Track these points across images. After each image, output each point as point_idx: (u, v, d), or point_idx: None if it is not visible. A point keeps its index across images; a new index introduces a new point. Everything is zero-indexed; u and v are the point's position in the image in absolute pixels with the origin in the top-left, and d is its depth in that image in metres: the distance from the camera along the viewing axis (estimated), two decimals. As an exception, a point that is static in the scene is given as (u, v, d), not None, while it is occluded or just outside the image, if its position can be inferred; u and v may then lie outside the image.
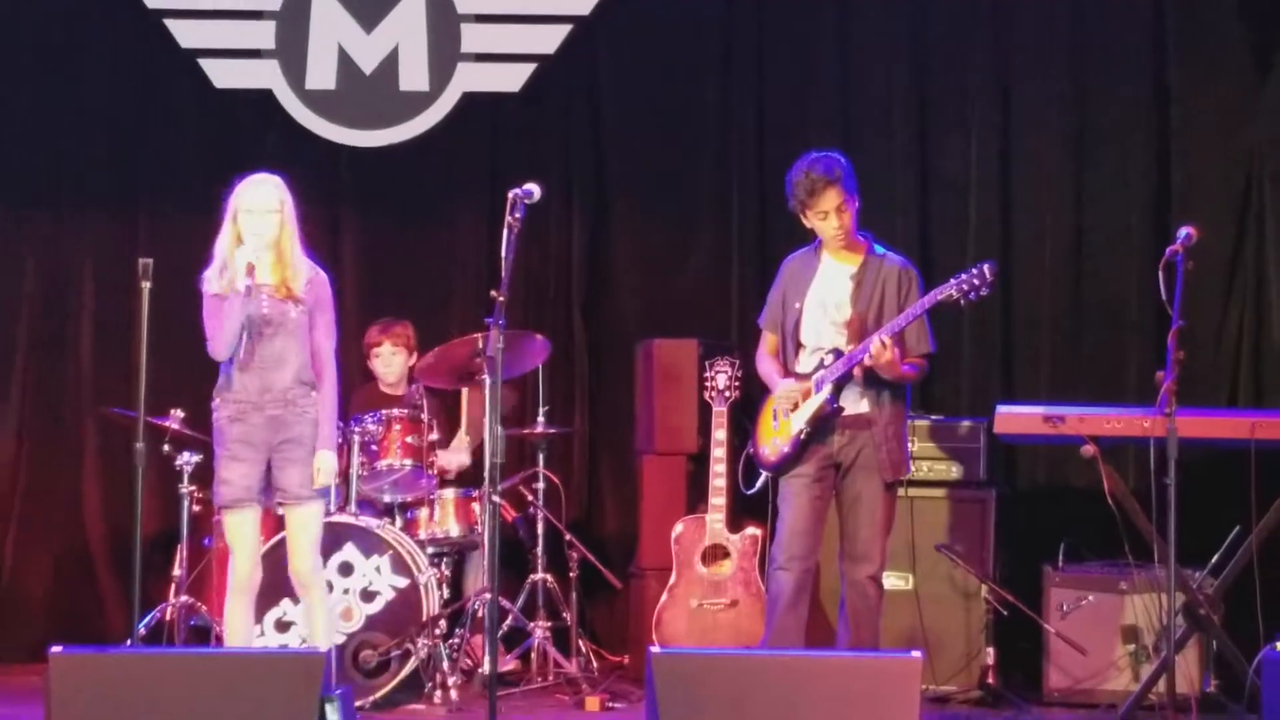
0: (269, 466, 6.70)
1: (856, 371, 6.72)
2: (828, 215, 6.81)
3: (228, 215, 6.68)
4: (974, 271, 6.64)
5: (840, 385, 6.78)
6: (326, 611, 6.90)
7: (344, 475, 7.56)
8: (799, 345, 6.97)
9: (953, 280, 6.68)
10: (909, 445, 7.16)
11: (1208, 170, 8.87)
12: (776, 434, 6.93)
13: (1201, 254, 6.45)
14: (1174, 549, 6.11)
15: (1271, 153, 8.79)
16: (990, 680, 7.87)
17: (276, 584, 7.14)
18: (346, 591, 7.65)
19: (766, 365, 7.10)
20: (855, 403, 6.82)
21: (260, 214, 6.62)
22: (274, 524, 7.10)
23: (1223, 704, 6.73)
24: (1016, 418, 6.81)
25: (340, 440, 7.34)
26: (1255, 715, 5.90)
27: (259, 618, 7.12)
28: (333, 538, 7.44)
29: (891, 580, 7.56)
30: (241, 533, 6.73)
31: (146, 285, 6.69)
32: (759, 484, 7.28)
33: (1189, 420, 6.25)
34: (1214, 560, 6.74)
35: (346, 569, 7.67)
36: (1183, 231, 6.33)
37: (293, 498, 6.73)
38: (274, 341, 6.67)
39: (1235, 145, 8.87)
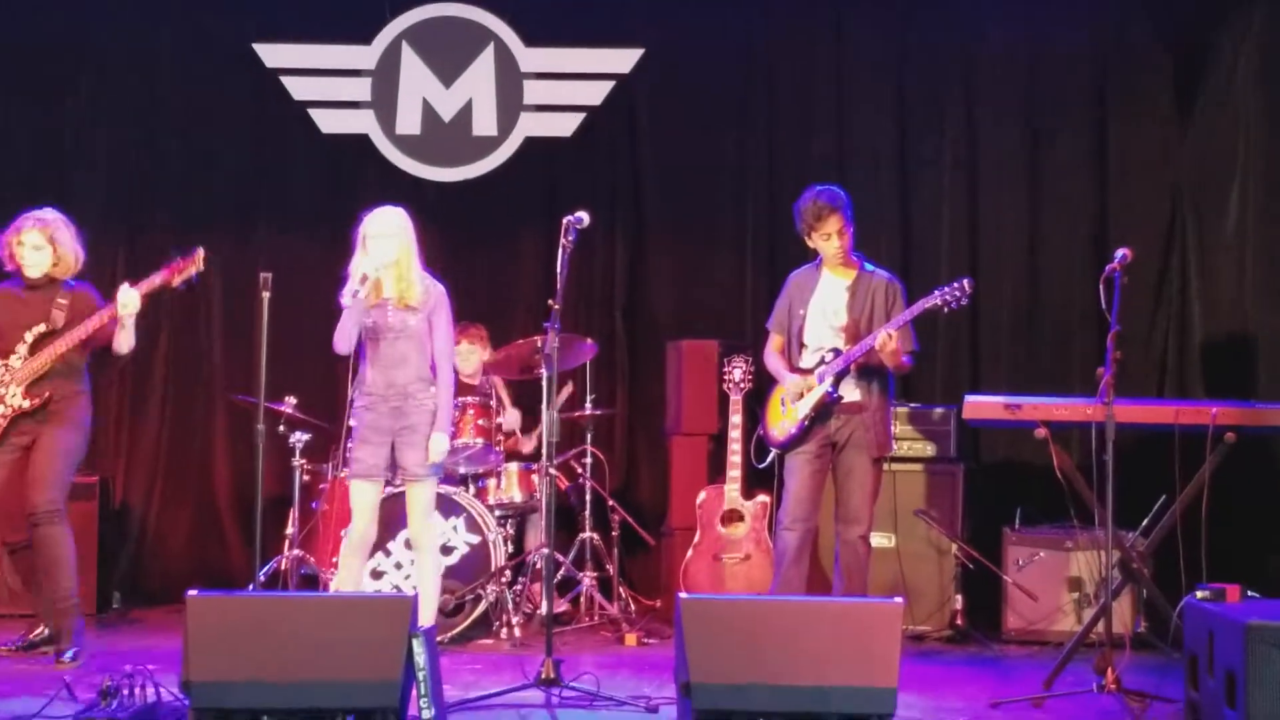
0: (393, 448, 6.74)
1: (852, 366, 6.79)
2: (830, 237, 6.87)
3: (359, 240, 6.70)
4: (956, 285, 6.70)
5: (838, 378, 6.82)
6: (435, 568, 6.93)
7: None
8: (802, 345, 7.02)
9: (937, 291, 6.74)
10: (892, 428, 7.20)
11: (1140, 202, 8.90)
12: (785, 418, 6.97)
13: (1135, 271, 6.45)
14: (1111, 514, 6.12)
15: (1192, 188, 8.85)
16: (959, 622, 7.95)
17: (378, 542, 7.18)
18: (429, 547, 7.71)
19: (774, 361, 7.14)
20: (850, 392, 6.88)
21: (382, 238, 6.64)
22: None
23: (1151, 643, 6.73)
24: (981, 405, 6.82)
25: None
26: (1178, 651, 5.87)
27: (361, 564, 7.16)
28: (418, 503, 7.50)
29: (877, 539, 7.56)
30: (364, 500, 6.77)
31: (266, 295, 6.73)
32: (768, 459, 7.33)
33: (1124, 408, 6.24)
34: (1144, 523, 6.75)
35: (430, 528, 7.73)
36: (1119, 252, 6.31)
37: (411, 475, 6.76)
38: (397, 345, 6.70)
39: (1162, 182, 8.90)
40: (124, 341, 7.03)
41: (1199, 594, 5.68)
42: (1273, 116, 8.56)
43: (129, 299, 6.91)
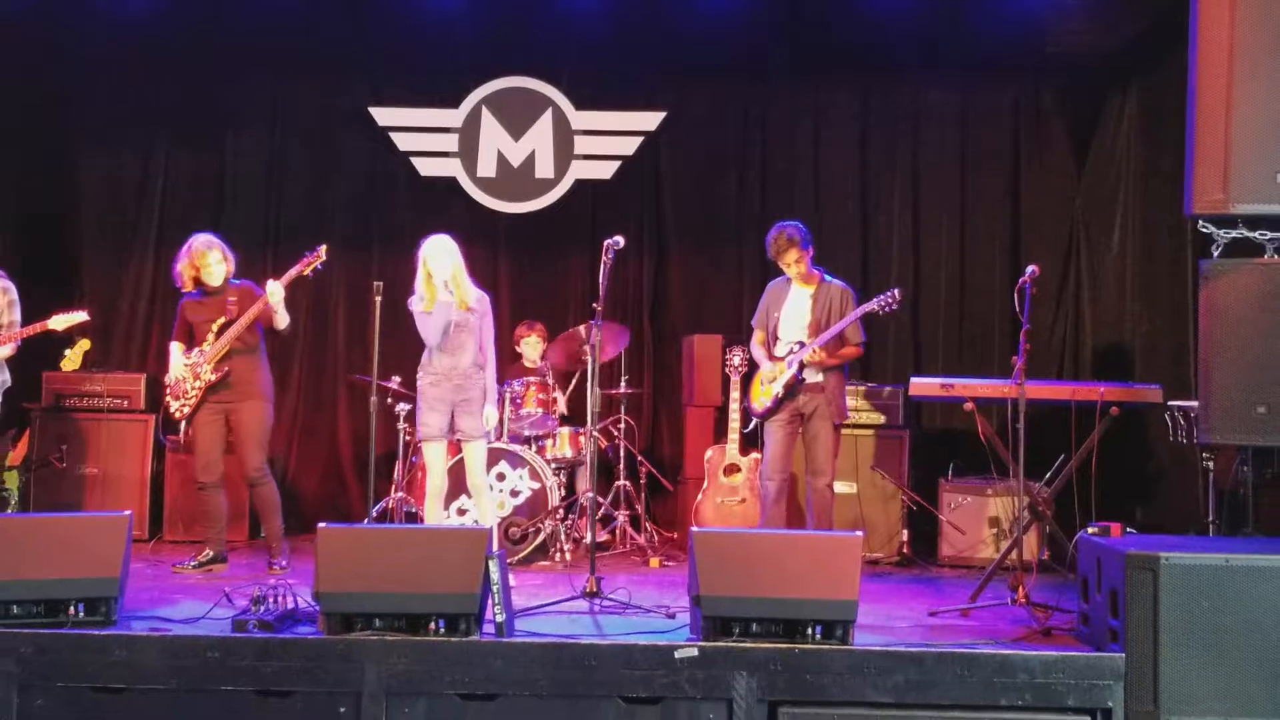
0: (453, 415, 6.75)
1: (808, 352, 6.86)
2: (790, 265, 6.96)
3: (419, 262, 6.72)
4: (888, 295, 6.89)
5: (803, 364, 6.87)
6: (490, 506, 6.94)
7: (501, 419, 7.61)
8: (776, 339, 7.06)
9: (875, 300, 6.90)
10: (847, 401, 7.21)
11: (1045, 230, 8.87)
12: (763, 394, 7.04)
13: (1041, 283, 6.39)
14: (1022, 468, 6.10)
15: (1084, 220, 8.82)
16: (905, 550, 7.96)
17: (456, 487, 7.20)
18: (502, 490, 7.71)
19: (756, 351, 7.20)
20: (813, 375, 6.96)
21: (437, 259, 6.67)
22: (454, 449, 7.11)
23: (1053, 567, 6.69)
24: (923, 385, 6.82)
25: (500, 397, 7.36)
26: (1073, 574, 5.85)
27: (446, 506, 7.18)
28: (494, 457, 7.53)
29: (842, 487, 7.60)
30: (435, 457, 6.81)
31: (378, 299, 6.75)
32: (750, 426, 7.45)
33: (1032, 387, 6.22)
34: (1048, 476, 6.71)
35: (501, 477, 7.75)
36: (1029, 269, 6.29)
37: (467, 437, 6.78)
38: (458, 336, 6.72)
39: (1062, 214, 8.88)
40: (280, 320, 7.16)
41: (1090, 530, 5.67)
42: (1147, 166, 8.51)
43: (274, 288, 7.03)
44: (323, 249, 7.22)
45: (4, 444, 8.33)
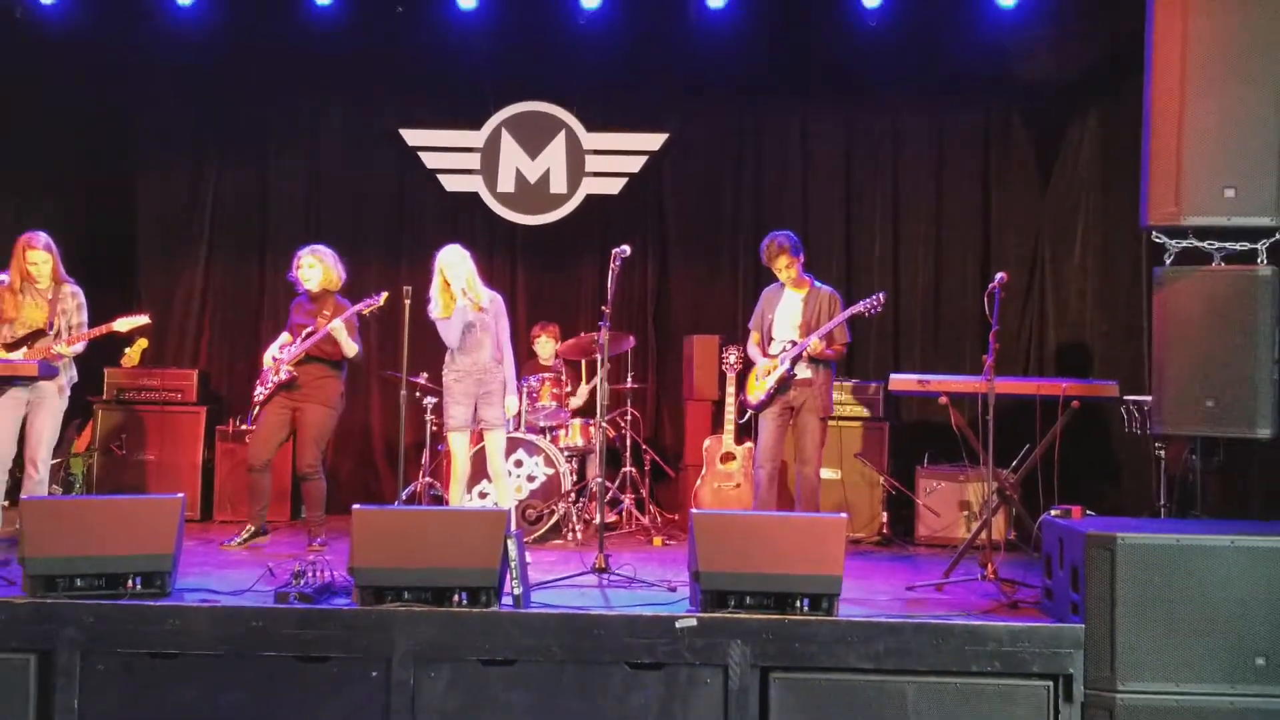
0: (476, 407, 6.74)
1: (804, 353, 6.83)
2: (781, 270, 6.92)
3: (436, 270, 6.75)
4: (874, 298, 6.85)
5: (794, 361, 6.84)
6: (508, 489, 6.97)
7: (519, 411, 7.60)
8: (770, 339, 7.05)
9: (862, 303, 6.85)
10: (834, 396, 7.20)
11: (1012, 241, 8.85)
12: (758, 388, 7.04)
13: (1009, 289, 6.38)
14: (991, 457, 6.09)
15: (1048, 232, 8.79)
16: (884, 531, 7.94)
17: (479, 473, 7.23)
18: (519, 476, 7.71)
19: (752, 350, 7.20)
20: (803, 371, 6.95)
21: (451, 267, 6.68)
22: (476, 438, 7.10)
23: (1019, 546, 6.69)
24: (902, 381, 6.78)
25: (518, 391, 7.35)
26: (1037, 552, 5.84)
27: (469, 490, 7.20)
28: (511, 446, 7.53)
29: (827, 474, 7.60)
30: (459, 445, 6.82)
31: (407, 303, 6.74)
32: (745, 418, 7.39)
33: (1001, 383, 6.20)
34: (1014, 463, 6.69)
35: (519, 463, 7.75)
36: (998, 276, 6.26)
37: (489, 426, 6.81)
38: (476, 335, 6.75)
39: (1029, 227, 8.86)
40: (347, 350, 7.17)
41: (1053, 513, 5.65)
42: (1105, 185, 8.48)
43: (337, 330, 7.04)
44: (383, 296, 7.16)
45: (70, 433, 8.34)
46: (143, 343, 7.45)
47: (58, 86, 8.94)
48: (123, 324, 6.97)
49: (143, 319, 7.08)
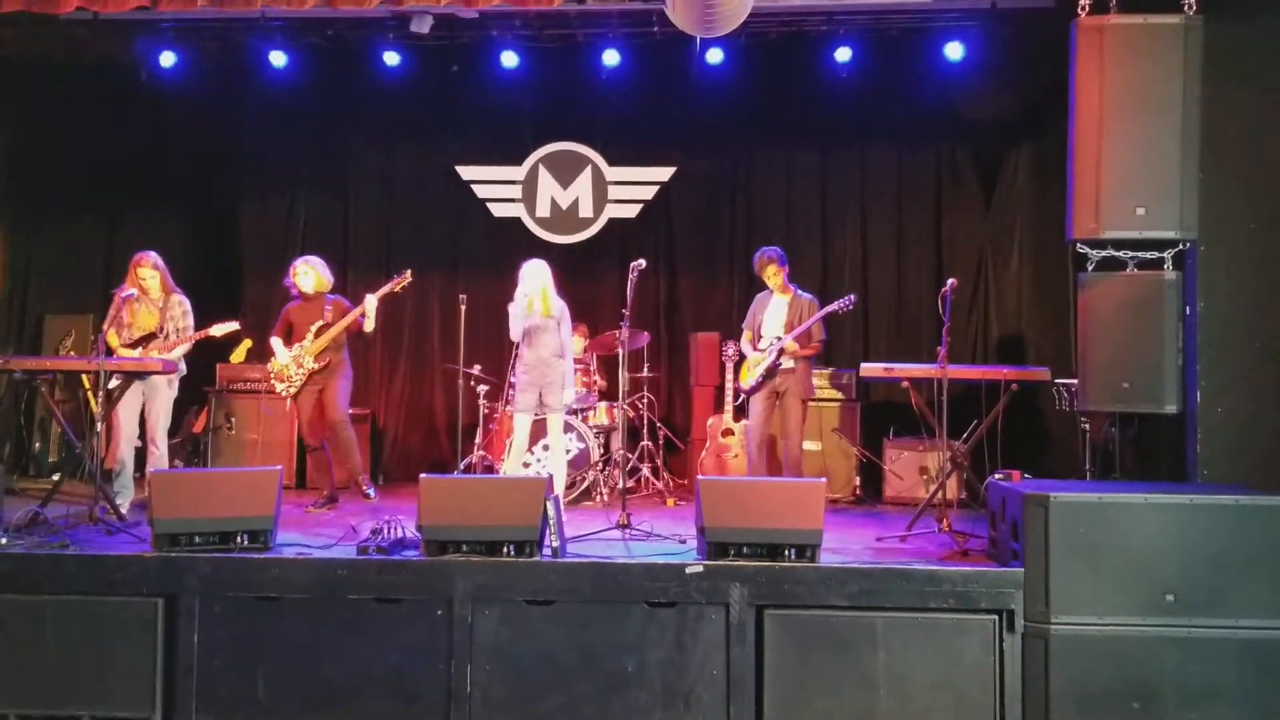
0: (540, 395, 6.69)
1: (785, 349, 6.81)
2: (770, 278, 6.91)
3: (520, 278, 6.72)
4: (846, 300, 6.87)
5: (779, 354, 6.81)
6: (562, 460, 6.97)
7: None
8: (760, 336, 7.00)
9: (836, 303, 6.85)
10: (813, 382, 7.16)
11: (961, 253, 8.78)
12: (750, 376, 7.01)
13: (959, 292, 6.32)
14: (945, 430, 6.06)
15: (991, 245, 8.75)
16: (858, 492, 7.88)
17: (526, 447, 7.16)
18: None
19: (744, 345, 7.17)
20: (787, 363, 6.92)
21: (532, 278, 6.64)
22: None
23: (969, 505, 6.63)
24: (871, 369, 6.67)
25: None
26: (984, 509, 5.80)
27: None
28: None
29: (810, 445, 7.59)
30: (521, 425, 6.77)
31: (463, 308, 6.75)
32: (739, 399, 7.41)
33: (953, 370, 6.16)
34: (964, 436, 6.63)
35: (555, 439, 7.69)
36: (950, 281, 6.22)
37: (550, 410, 6.77)
38: (540, 335, 6.71)
39: (974, 241, 8.80)
40: (367, 325, 7.14)
41: (997, 476, 5.62)
42: (1036, 205, 8.40)
43: (370, 301, 7.05)
44: (408, 272, 7.17)
45: (189, 417, 8.36)
46: (247, 342, 7.44)
47: (175, 135, 8.99)
48: (217, 329, 6.95)
49: (233, 325, 7.02)
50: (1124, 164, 5.54)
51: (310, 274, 7.19)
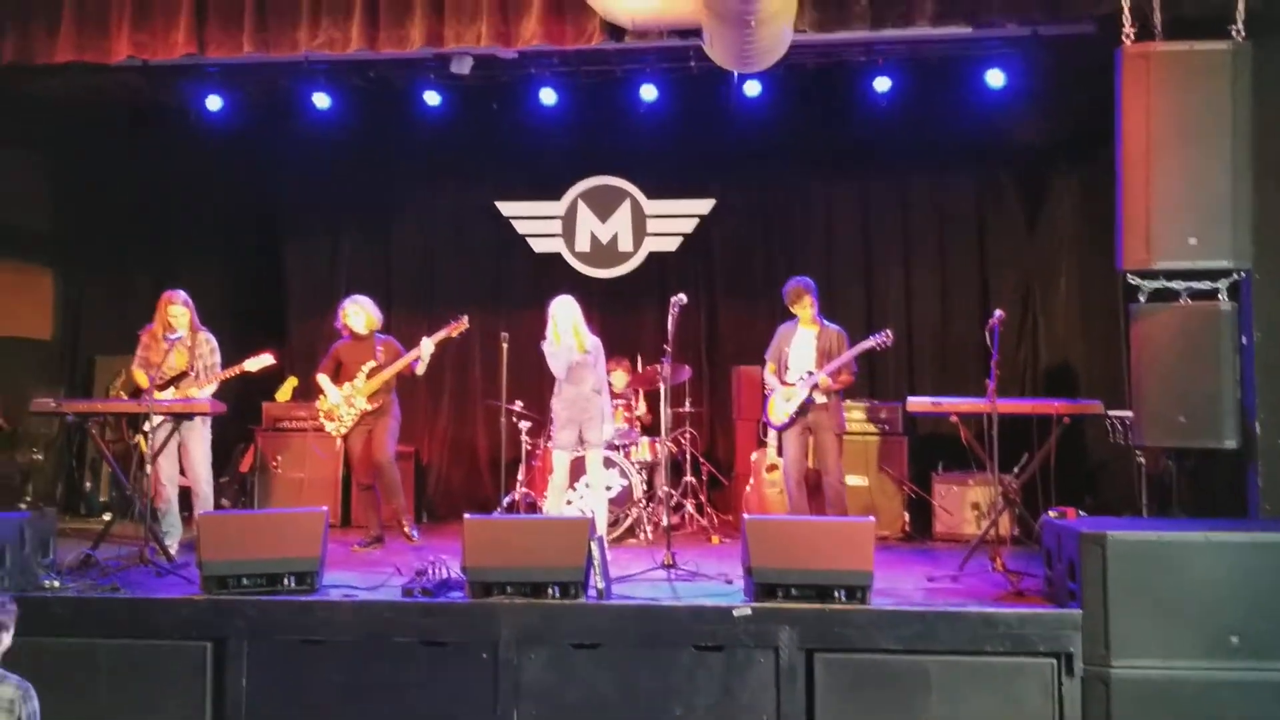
0: (580, 431, 6.65)
1: (816, 382, 6.74)
2: (803, 307, 6.81)
3: (549, 317, 6.66)
4: (882, 334, 6.76)
5: (812, 389, 6.71)
6: (603, 497, 6.87)
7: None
8: (786, 368, 6.90)
9: (872, 338, 6.76)
10: (844, 417, 7.05)
11: (1006, 282, 8.67)
12: (781, 412, 6.92)
13: (1006, 324, 6.21)
14: (996, 465, 5.96)
15: (1037, 274, 8.62)
16: (906, 529, 7.73)
17: (570, 482, 7.09)
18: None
19: (769, 378, 7.06)
20: (818, 397, 6.78)
21: (563, 314, 6.61)
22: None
23: (1022, 542, 6.49)
24: (917, 403, 6.57)
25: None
26: (1038, 547, 5.67)
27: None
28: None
29: (856, 480, 7.50)
30: (561, 462, 6.71)
31: (505, 345, 6.74)
32: (770, 437, 7.38)
33: (1002, 404, 6.07)
34: (1015, 470, 6.51)
35: (599, 476, 7.64)
36: (997, 313, 6.15)
37: (590, 446, 6.71)
38: (580, 371, 6.66)
39: (1020, 270, 8.69)
40: (419, 369, 7.15)
41: (1051, 513, 5.51)
42: (1083, 235, 8.26)
43: (427, 345, 7.03)
44: (465, 318, 7.17)
45: (236, 456, 8.41)
46: (293, 380, 7.49)
47: (221, 176, 9.10)
48: (251, 364, 6.96)
49: (267, 358, 7.02)
50: (1174, 193, 5.44)
51: (360, 314, 7.22)
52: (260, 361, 6.99)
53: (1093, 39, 6.51)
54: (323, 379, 7.19)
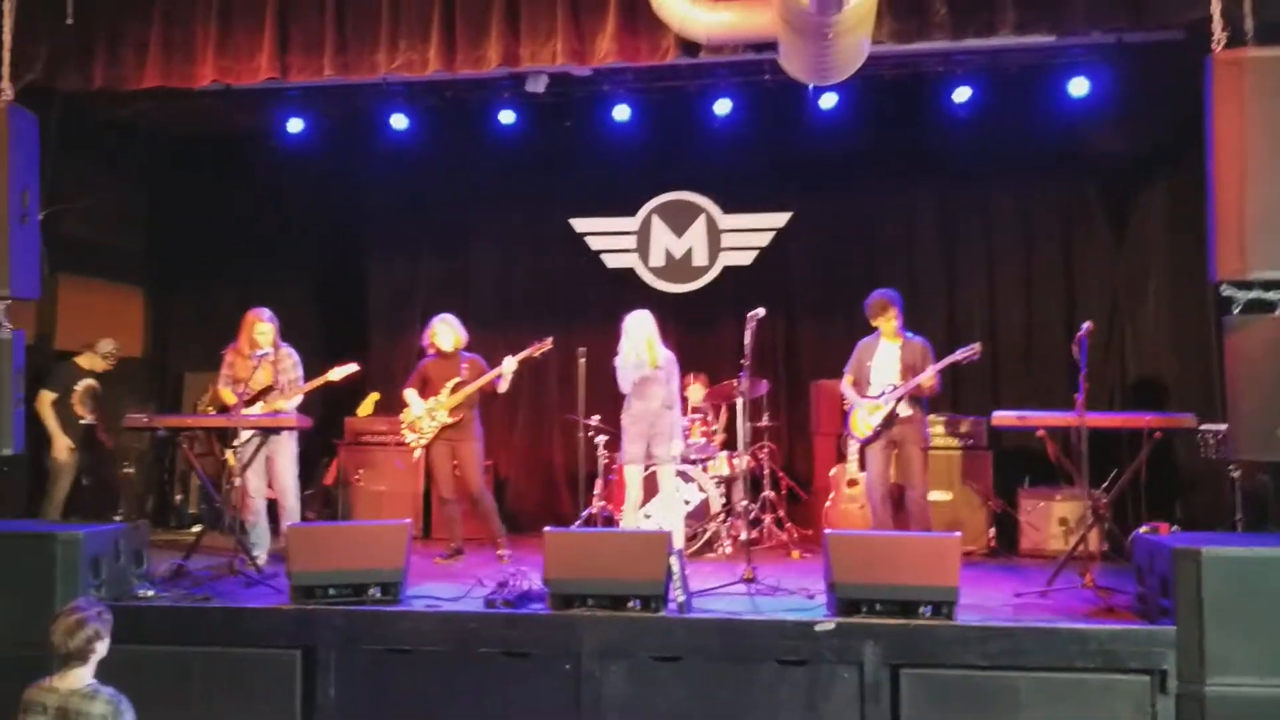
0: (649, 445, 6.72)
1: (903, 395, 6.69)
2: (887, 320, 6.79)
3: (623, 329, 6.73)
4: (971, 348, 6.69)
5: (895, 402, 6.68)
6: (677, 513, 6.95)
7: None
8: (868, 383, 6.90)
9: (960, 351, 6.71)
10: (928, 431, 7.03)
11: (1094, 294, 8.55)
12: (864, 426, 6.90)
13: (1093, 336, 6.17)
14: (1086, 480, 5.88)
15: (1124, 287, 8.50)
16: (992, 544, 7.63)
17: (646, 498, 7.16)
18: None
19: (849, 392, 7.05)
20: (903, 410, 6.77)
21: (635, 330, 6.69)
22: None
23: (1112, 557, 6.37)
24: (1004, 417, 6.46)
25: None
26: (1129, 563, 5.59)
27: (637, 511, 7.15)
28: (670, 476, 7.45)
29: (940, 495, 7.45)
30: (633, 477, 6.80)
31: (582, 361, 6.85)
32: (853, 451, 7.39)
33: (1091, 418, 5.97)
34: (1105, 485, 6.38)
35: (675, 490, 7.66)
36: (1084, 325, 6.09)
37: (659, 461, 6.78)
38: (649, 387, 6.74)
39: (1107, 283, 8.57)
40: (502, 386, 7.27)
41: (1143, 529, 5.44)
42: (1173, 246, 8.08)
43: (510, 363, 7.12)
44: (549, 339, 7.27)
45: (320, 470, 8.62)
46: (375, 395, 7.67)
47: (302, 196, 9.38)
48: (335, 373, 7.15)
49: (352, 367, 7.19)
50: (1269, 201, 5.32)
51: (449, 333, 7.39)
52: (345, 370, 7.18)
53: (1180, 45, 6.42)
54: (409, 393, 7.37)
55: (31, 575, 5.32)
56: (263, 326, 7.09)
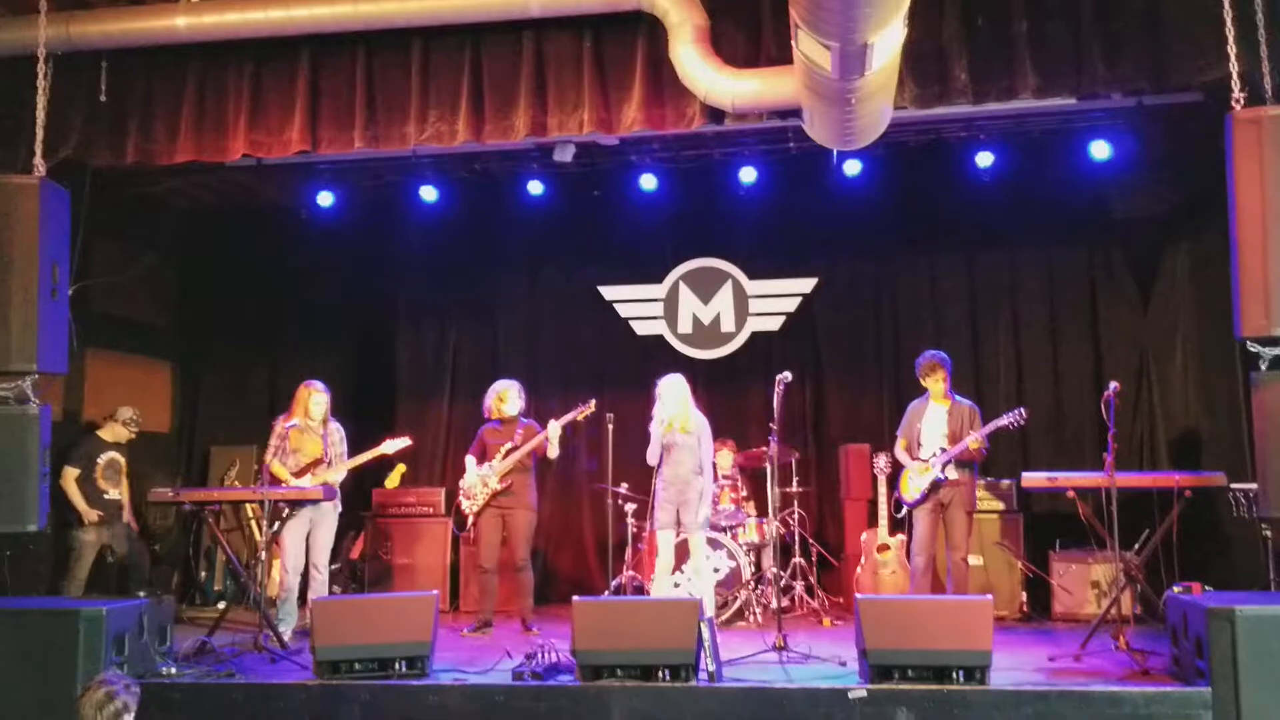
0: (677, 512, 6.80)
1: (951, 459, 6.72)
2: (936, 382, 6.84)
3: (657, 395, 6.84)
4: (1017, 412, 6.74)
5: (944, 465, 6.72)
6: (708, 580, 6.99)
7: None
8: (919, 445, 6.92)
9: (1005, 416, 6.76)
10: (976, 494, 7.02)
11: (1121, 354, 8.62)
12: (913, 489, 6.91)
13: (1121, 396, 6.22)
14: (1116, 541, 5.91)
15: (1152, 346, 8.55)
16: (1024, 609, 7.65)
17: (676, 565, 7.19)
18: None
19: (901, 455, 7.07)
20: (951, 473, 6.80)
21: (670, 396, 6.79)
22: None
23: (1146, 619, 6.39)
24: (1032, 479, 6.53)
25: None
26: (1163, 625, 5.59)
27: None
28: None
29: (972, 560, 7.37)
30: (665, 543, 6.84)
31: (610, 427, 6.92)
32: (902, 513, 7.23)
33: (1120, 478, 6.03)
34: (1136, 546, 6.42)
35: (706, 558, 7.69)
36: (1112, 385, 6.15)
37: (689, 529, 6.83)
38: (678, 453, 6.80)
39: (1135, 342, 8.64)
40: (551, 451, 7.39)
41: (1176, 589, 5.43)
42: (1198, 304, 8.19)
43: (554, 427, 7.29)
44: (592, 402, 7.37)
45: (347, 542, 8.72)
46: (401, 467, 7.79)
47: (332, 269, 9.58)
48: (389, 446, 7.30)
49: (405, 441, 7.35)
50: (1292, 260, 5.42)
51: (515, 398, 7.55)
52: (398, 444, 7.33)
53: (1200, 106, 6.57)
54: (468, 459, 7.53)
55: (54, 651, 5.30)
56: (319, 398, 7.25)
